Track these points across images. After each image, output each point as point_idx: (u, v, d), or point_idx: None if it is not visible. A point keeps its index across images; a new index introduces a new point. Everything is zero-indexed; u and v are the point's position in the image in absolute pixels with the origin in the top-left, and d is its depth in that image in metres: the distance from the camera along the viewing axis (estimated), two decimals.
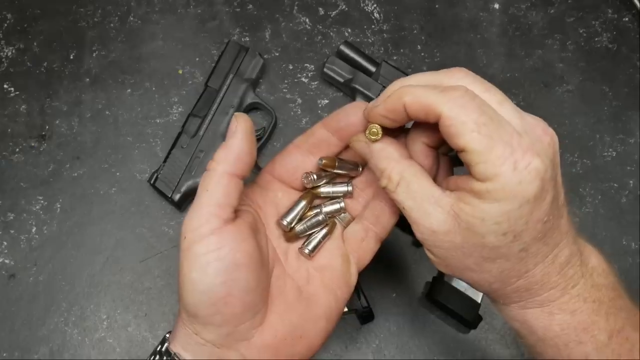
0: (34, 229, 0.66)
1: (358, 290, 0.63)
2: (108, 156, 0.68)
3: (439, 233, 0.37)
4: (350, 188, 0.46)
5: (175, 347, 0.40)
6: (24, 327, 0.63)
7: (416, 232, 0.39)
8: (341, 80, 0.68)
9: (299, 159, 0.46)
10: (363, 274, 0.65)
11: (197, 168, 0.65)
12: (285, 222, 0.44)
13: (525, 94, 0.73)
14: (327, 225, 0.45)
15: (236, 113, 0.41)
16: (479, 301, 0.64)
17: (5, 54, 0.71)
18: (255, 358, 0.40)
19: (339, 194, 0.46)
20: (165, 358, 0.40)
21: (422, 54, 0.74)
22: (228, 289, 0.38)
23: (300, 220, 0.45)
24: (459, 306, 0.63)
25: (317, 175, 0.45)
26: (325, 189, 0.46)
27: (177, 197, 0.64)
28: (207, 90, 0.68)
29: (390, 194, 0.40)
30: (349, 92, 0.70)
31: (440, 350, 0.65)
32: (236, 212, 0.40)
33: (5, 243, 0.65)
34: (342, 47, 0.69)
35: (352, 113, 0.44)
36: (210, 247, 0.38)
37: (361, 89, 0.68)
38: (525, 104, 0.72)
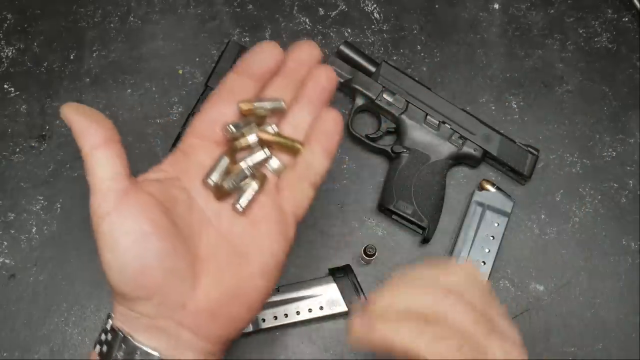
0: (34, 229, 0.66)
1: (358, 290, 0.63)
2: None
3: None
4: (267, 151, 0.44)
5: (117, 324, 0.41)
6: (24, 326, 0.63)
7: None
8: (341, 80, 0.68)
9: (217, 111, 0.44)
10: (362, 274, 0.65)
11: None
12: (209, 181, 0.43)
13: (525, 94, 0.73)
14: (257, 177, 0.44)
15: (60, 108, 0.40)
16: None
17: (5, 54, 0.71)
18: (192, 324, 0.40)
19: (261, 152, 0.44)
20: (110, 335, 0.40)
21: (422, 54, 0.74)
22: (142, 260, 0.38)
23: (227, 175, 0.43)
24: None
25: (235, 126, 0.43)
26: (243, 141, 0.44)
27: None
28: (207, 90, 0.68)
29: None
30: (349, 92, 0.70)
31: None
32: (137, 183, 0.40)
33: (5, 243, 0.66)
34: (342, 47, 0.69)
35: (260, 53, 0.44)
36: (113, 224, 0.38)
37: (361, 89, 0.68)
38: (525, 104, 0.73)
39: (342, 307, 0.63)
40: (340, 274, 0.64)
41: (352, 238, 0.67)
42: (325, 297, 0.63)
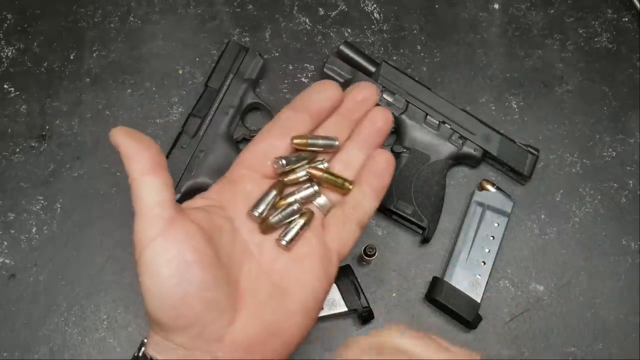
0: (34, 229, 0.66)
1: (358, 290, 0.63)
2: (108, 156, 0.68)
3: None
4: (316, 188, 0.44)
5: (151, 352, 0.40)
6: (24, 326, 0.63)
7: None
8: (341, 80, 0.68)
9: (269, 144, 0.44)
10: (362, 274, 0.65)
11: (197, 168, 0.65)
12: (256, 213, 0.42)
13: (525, 94, 0.73)
14: (304, 213, 0.43)
15: (110, 132, 0.40)
16: (479, 301, 0.64)
17: (5, 54, 0.71)
18: (228, 358, 0.39)
19: (309, 188, 0.44)
20: None
21: (422, 54, 0.74)
22: (183, 289, 0.37)
23: (274, 209, 0.43)
24: (459, 306, 0.63)
25: (286, 160, 0.43)
26: (292, 176, 0.44)
27: (177, 197, 0.64)
28: (207, 90, 0.68)
29: None
30: None
31: None
32: (184, 211, 0.40)
33: (5, 243, 0.66)
34: (342, 47, 0.69)
35: (319, 92, 0.44)
36: (157, 251, 0.37)
37: None
38: (525, 104, 0.73)
39: (342, 307, 0.63)
40: (341, 274, 0.64)
41: None
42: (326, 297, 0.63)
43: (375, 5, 0.75)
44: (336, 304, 0.63)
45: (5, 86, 0.70)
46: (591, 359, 0.65)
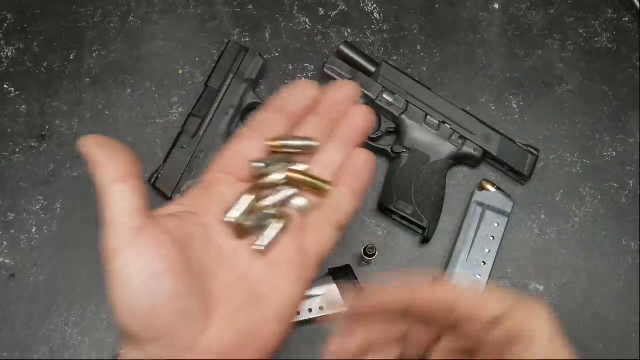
0: (34, 229, 0.66)
1: (358, 289, 0.63)
2: None
3: None
4: (293, 190, 0.43)
5: None
6: (24, 326, 0.63)
7: None
8: (341, 80, 0.68)
9: (245, 146, 0.43)
10: (362, 274, 0.65)
11: (197, 168, 0.65)
12: (230, 219, 0.41)
13: (525, 94, 0.73)
14: (281, 217, 0.42)
15: (79, 142, 0.38)
16: None
17: (5, 54, 0.71)
18: None
19: (286, 190, 0.43)
20: None
21: (422, 54, 0.74)
22: (153, 299, 0.36)
23: (250, 214, 0.41)
24: None
25: (262, 163, 0.42)
26: (269, 179, 0.43)
27: (177, 197, 0.64)
28: (207, 90, 0.68)
29: None
30: None
31: None
32: (155, 219, 0.39)
33: (5, 243, 0.66)
34: (342, 47, 0.69)
35: (296, 92, 0.44)
36: (126, 261, 0.36)
37: (361, 89, 0.68)
38: (525, 104, 0.73)
39: (342, 307, 0.63)
40: (341, 274, 0.64)
41: (352, 238, 0.67)
42: (325, 297, 0.63)
43: (375, 5, 0.75)
44: (336, 304, 0.63)
45: (5, 86, 0.70)
46: (591, 359, 0.65)
